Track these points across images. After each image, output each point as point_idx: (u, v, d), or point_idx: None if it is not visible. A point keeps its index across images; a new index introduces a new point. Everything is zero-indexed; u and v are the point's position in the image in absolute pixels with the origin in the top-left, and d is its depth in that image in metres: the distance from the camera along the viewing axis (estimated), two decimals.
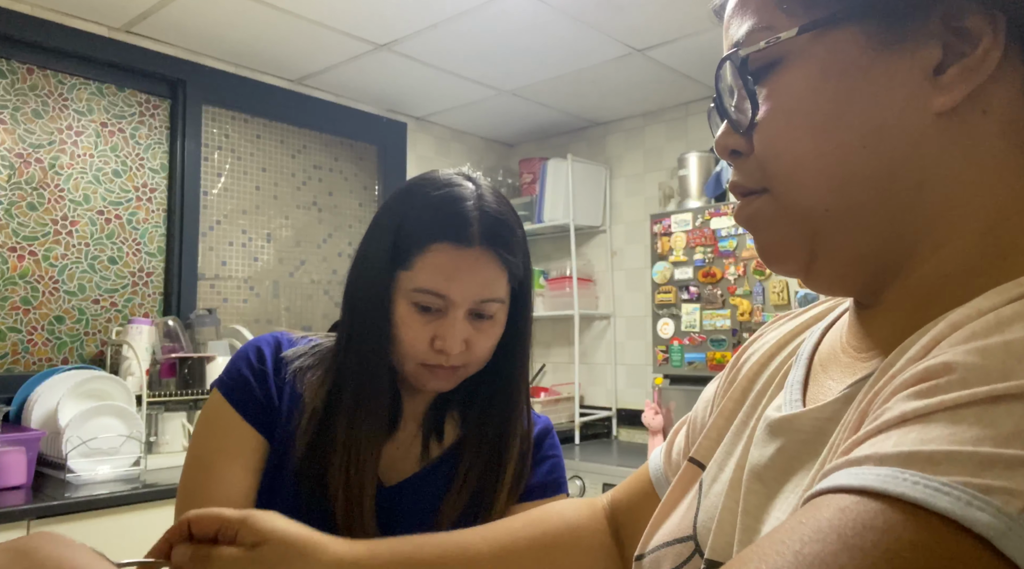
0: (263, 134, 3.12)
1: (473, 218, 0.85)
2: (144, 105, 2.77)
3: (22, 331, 2.46)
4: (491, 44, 2.73)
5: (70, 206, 2.57)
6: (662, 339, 3.07)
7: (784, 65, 0.45)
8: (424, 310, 0.85)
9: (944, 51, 0.41)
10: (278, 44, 2.75)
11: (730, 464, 0.53)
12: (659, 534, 0.58)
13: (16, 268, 2.45)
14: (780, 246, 0.48)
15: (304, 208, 3.24)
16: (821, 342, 0.54)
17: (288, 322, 3.15)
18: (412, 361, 0.87)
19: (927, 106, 0.41)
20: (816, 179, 0.44)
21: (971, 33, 0.41)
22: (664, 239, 3.08)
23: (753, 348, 0.63)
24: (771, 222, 0.47)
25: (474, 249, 0.84)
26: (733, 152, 0.49)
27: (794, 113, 0.44)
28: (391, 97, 3.32)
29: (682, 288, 3.01)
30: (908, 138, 0.42)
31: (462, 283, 0.84)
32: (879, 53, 0.42)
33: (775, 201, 0.46)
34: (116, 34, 2.63)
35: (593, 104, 3.44)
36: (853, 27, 0.43)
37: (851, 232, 0.44)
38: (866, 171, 0.43)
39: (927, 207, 0.43)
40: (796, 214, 0.46)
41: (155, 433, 2.33)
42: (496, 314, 0.88)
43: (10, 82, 2.45)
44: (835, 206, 0.44)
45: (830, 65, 0.43)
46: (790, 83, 0.45)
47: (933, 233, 0.43)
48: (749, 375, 0.59)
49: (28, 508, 1.80)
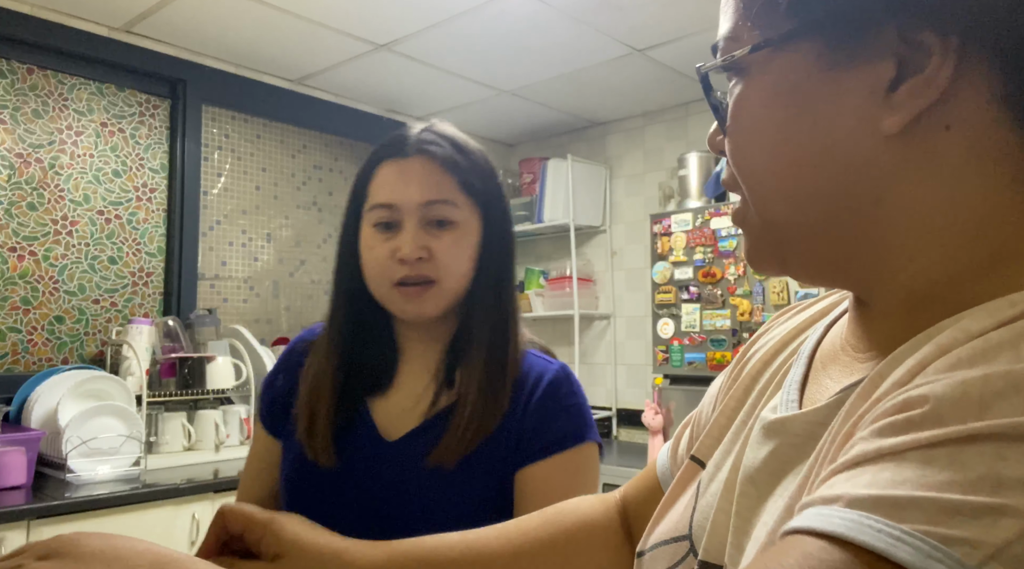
0: (263, 134, 3.12)
1: (412, 135, 0.95)
2: (144, 105, 2.77)
3: (22, 331, 2.46)
4: (491, 44, 2.73)
5: (70, 206, 2.57)
6: (662, 339, 3.07)
7: (745, 77, 0.45)
8: (384, 229, 0.92)
9: (899, 66, 0.40)
10: (278, 44, 2.75)
11: (727, 464, 0.53)
12: (658, 532, 0.58)
13: (16, 268, 2.45)
14: (755, 250, 0.49)
15: (304, 208, 3.24)
16: (823, 339, 0.54)
17: (288, 322, 3.15)
18: (383, 282, 0.91)
19: (876, 127, 0.41)
20: (773, 193, 0.45)
21: (925, 47, 0.40)
22: (664, 239, 3.08)
23: (759, 344, 0.63)
24: (749, 227, 0.48)
25: (412, 157, 0.92)
26: (722, 152, 0.50)
27: (749, 129, 0.45)
28: (391, 97, 3.32)
29: (682, 288, 3.01)
30: (859, 158, 0.42)
31: (405, 187, 0.91)
32: (828, 73, 0.42)
33: (747, 205, 0.47)
34: (116, 34, 2.63)
35: (593, 104, 3.44)
36: (805, 46, 0.42)
37: (812, 242, 0.45)
38: (819, 188, 0.43)
39: (889, 219, 0.42)
40: (765, 222, 0.47)
41: (155, 433, 2.33)
42: (455, 221, 0.91)
43: (10, 82, 2.45)
44: (793, 219, 0.45)
45: (779, 85, 0.44)
46: (747, 98, 0.45)
47: (903, 243, 0.42)
48: (752, 373, 0.59)
49: (28, 508, 1.80)
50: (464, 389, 0.91)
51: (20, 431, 2.06)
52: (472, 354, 0.93)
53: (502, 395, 0.91)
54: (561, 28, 2.60)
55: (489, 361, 0.92)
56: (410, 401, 0.95)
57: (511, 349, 0.94)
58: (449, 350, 0.96)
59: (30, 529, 1.80)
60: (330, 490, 0.90)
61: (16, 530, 1.77)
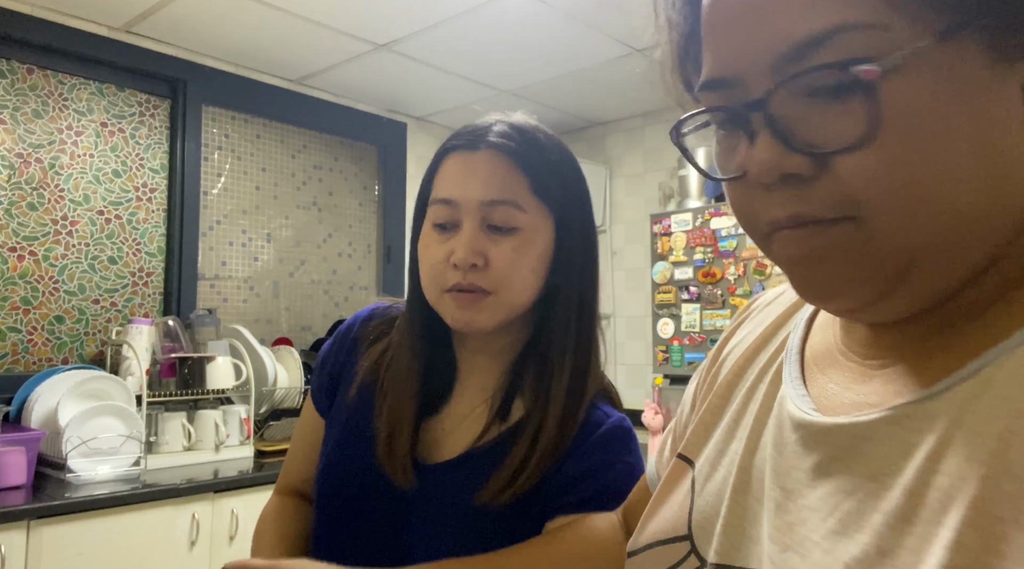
0: (263, 134, 3.12)
1: (487, 126, 0.85)
2: (144, 105, 2.77)
3: (22, 331, 2.46)
4: (491, 44, 2.73)
5: (70, 206, 2.57)
6: (662, 339, 3.07)
7: (897, 77, 0.37)
8: (442, 229, 0.82)
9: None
10: (278, 44, 2.75)
11: (724, 464, 0.51)
12: (649, 531, 0.56)
13: (16, 268, 2.45)
14: (848, 285, 0.41)
15: (304, 208, 3.24)
16: (808, 336, 0.51)
17: (288, 322, 3.15)
18: (436, 287, 0.82)
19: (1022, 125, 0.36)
20: (931, 214, 0.37)
21: None
22: (664, 239, 3.08)
23: (734, 341, 0.61)
24: (848, 257, 0.40)
25: (481, 151, 0.82)
26: (788, 176, 0.40)
27: (921, 139, 0.37)
28: (391, 97, 3.32)
29: (682, 288, 3.01)
30: (1014, 163, 0.37)
31: (467, 183, 0.81)
32: (999, 67, 0.37)
33: (862, 233, 0.39)
34: (116, 34, 2.63)
35: (593, 104, 3.44)
36: (976, 35, 0.36)
37: (944, 271, 0.39)
38: (983, 205, 0.38)
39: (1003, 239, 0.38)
40: (888, 250, 0.39)
41: (155, 433, 2.32)
42: (519, 227, 0.81)
43: (10, 82, 2.45)
44: (935, 242, 0.38)
45: (956, 80, 0.37)
46: (914, 102, 0.37)
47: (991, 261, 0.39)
48: (735, 369, 0.57)
49: (28, 508, 1.80)
50: (533, 423, 0.81)
51: (20, 431, 2.06)
52: (545, 384, 0.82)
53: (568, 439, 0.81)
54: (561, 28, 2.60)
55: (570, 392, 0.82)
56: (453, 422, 0.86)
57: (589, 387, 0.85)
58: (511, 372, 0.86)
59: (30, 529, 1.80)
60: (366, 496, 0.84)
61: (16, 530, 1.77)
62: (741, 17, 0.40)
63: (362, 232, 3.45)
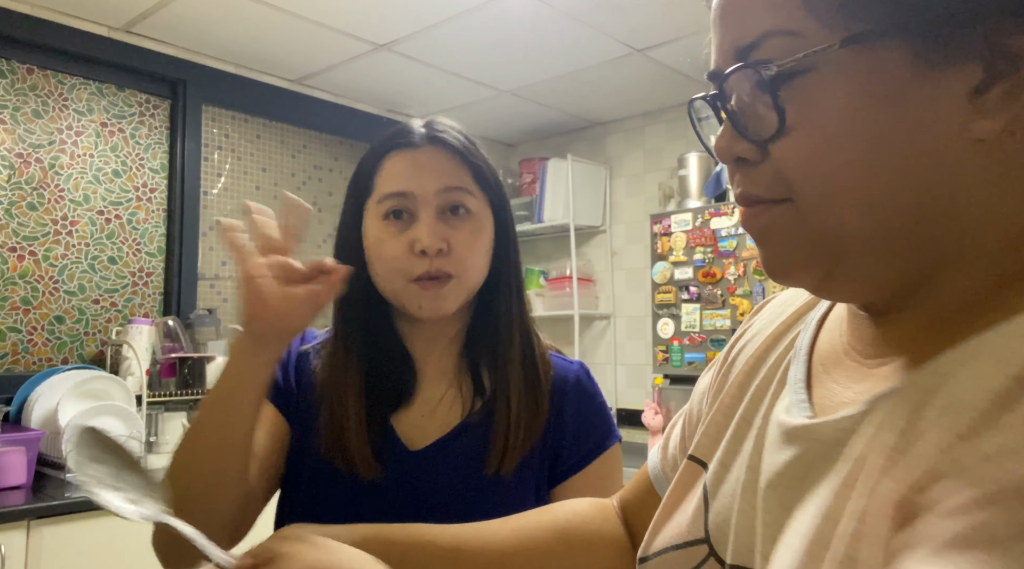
0: (263, 134, 3.12)
1: (417, 127, 0.90)
2: (144, 105, 2.77)
3: (22, 331, 2.46)
4: (491, 44, 2.73)
5: (70, 206, 2.57)
6: (662, 339, 3.07)
7: (816, 77, 0.41)
8: (396, 218, 0.86)
9: (985, 71, 0.39)
10: (278, 44, 2.75)
11: (737, 464, 0.52)
12: (663, 536, 0.56)
13: (16, 268, 2.45)
14: (794, 262, 0.45)
15: None
16: (818, 337, 0.53)
17: None
18: (400, 278, 0.85)
19: (967, 131, 0.39)
20: (850, 202, 0.41)
21: (1013, 53, 0.38)
22: (664, 239, 3.08)
23: (745, 339, 0.62)
24: (788, 236, 0.44)
25: (424, 147, 0.88)
26: (739, 159, 0.45)
27: (833, 133, 0.41)
28: (391, 97, 3.32)
29: (682, 288, 3.01)
30: (947, 164, 0.40)
31: (418, 175, 0.86)
32: (924, 72, 0.39)
33: (798, 214, 0.43)
34: (116, 34, 2.63)
35: (593, 104, 3.44)
36: (898, 42, 0.40)
37: (877, 257, 0.42)
38: (904, 197, 0.41)
39: (958, 233, 0.41)
40: (820, 232, 0.43)
41: (155, 433, 2.32)
42: (472, 209, 0.87)
43: (10, 82, 2.45)
44: (866, 230, 0.42)
45: (874, 84, 0.40)
46: (828, 99, 0.41)
47: (962, 255, 0.41)
48: (745, 370, 0.58)
49: (28, 508, 1.80)
50: (501, 389, 0.88)
51: (20, 431, 2.06)
52: (504, 355, 0.89)
53: (542, 397, 0.89)
54: (561, 28, 2.60)
55: (523, 361, 0.89)
56: (428, 407, 0.90)
57: (537, 348, 0.92)
58: (465, 351, 0.92)
59: (30, 529, 1.80)
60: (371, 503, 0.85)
61: (16, 530, 1.77)
62: (716, 22, 0.47)
63: None
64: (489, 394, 0.89)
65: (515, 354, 0.89)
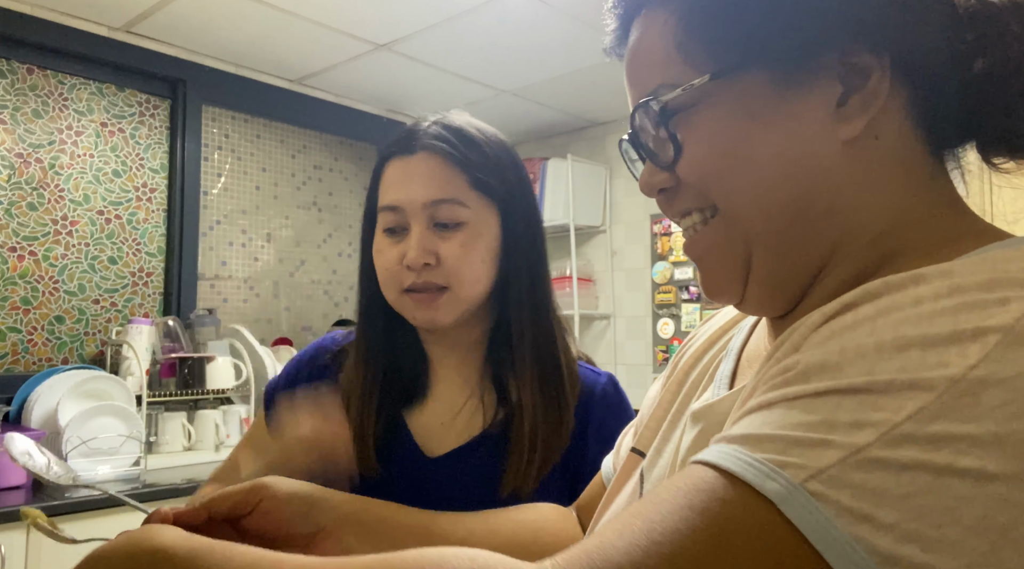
0: (263, 134, 3.12)
1: (420, 130, 0.89)
2: (144, 105, 2.77)
3: (22, 331, 2.46)
4: (491, 44, 2.73)
5: (70, 206, 2.57)
6: (662, 339, 3.07)
7: (696, 109, 0.49)
8: (392, 233, 0.86)
9: (843, 85, 0.46)
10: (278, 44, 2.75)
11: (667, 450, 0.58)
12: (604, 521, 0.60)
13: (16, 268, 2.45)
14: (722, 278, 0.52)
15: (304, 208, 3.24)
16: (749, 339, 0.59)
17: (288, 322, 3.15)
18: (392, 289, 0.86)
19: (834, 137, 0.46)
20: (748, 205, 0.48)
21: (863, 68, 0.45)
22: (664, 239, 3.08)
23: (689, 344, 0.68)
24: (719, 252, 0.51)
25: (417, 155, 0.86)
26: (661, 190, 0.53)
27: (714, 149, 0.49)
28: (391, 97, 3.32)
29: (682, 288, 3.01)
30: (819, 167, 0.47)
31: (408, 187, 0.85)
32: (784, 91, 0.47)
33: (723, 222, 0.50)
34: (116, 34, 2.63)
35: (593, 104, 3.44)
36: (757, 71, 0.47)
37: (776, 256, 0.49)
38: (787, 200, 0.47)
39: (836, 229, 0.47)
40: (738, 236, 0.49)
41: (155, 433, 2.33)
42: (465, 221, 0.84)
43: (10, 82, 2.45)
44: (764, 231, 0.48)
45: (739, 107, 0.48)
46: (706, 123, 0.49)
47: (839, 250, 0.48)
48: (684, 368, 0.64)
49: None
50: (520, 402, 0.84)
51: (20, 431, 2.06)
52: (520, 363, 0.86)
53: (566, 413, 0.85)
54: (561, 28, 2.60)
55: (542, 371, 0.86)
56: (448, 414, 0.88)
57: (562, 356, 0.88)
58: (488, 360, 0.89)
59: (30, 529, 1.80)
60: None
61: (16, 530, 1.77)
62: (626, 83, 0.56)
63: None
64: (511, 406, 0.86)
65: (529, 366, 0.86)
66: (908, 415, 0.33)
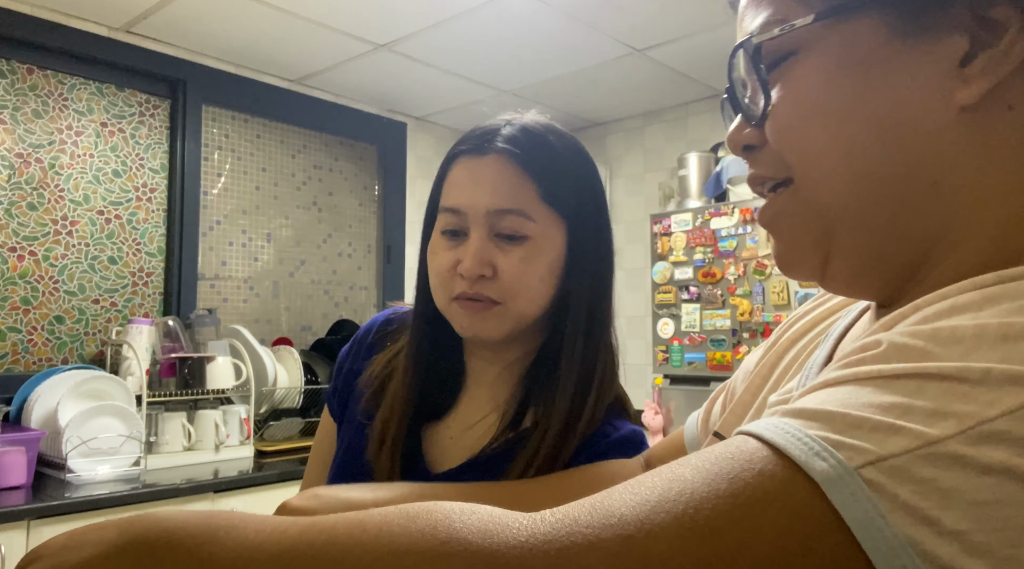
0: (263, 134, 3.12)
1: (495, 130, 0.82)
2: (144, 105, 2.77)
3: (22, 331, 2.46)
4: (491, 44, 2.73)
5: (70, 206, 2.57)
6: (662, 339, 3.07)
7: (799, 56, 0.43)
8: (451, 236, 0.80)
9: (971, 42, 0.39)
10: (278, 44, 2.75)
11: None
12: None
13: (16, 268, 2.45)
14: (799, 250, 0.47)
15: (304, 208, 3.24)
16: (854, 325, 0.53)
17: (288, 322, 3.15)
18: (442, 294, 0.80)
19: (951, 100, 0.40)
20: (830, 174, 0.43)
21: (998, 23, 0.39)
22: (664, 239, 3.08)
23: (794, 322, 0.62)
24: (793, 222, 0.46)
25: (489, 156, 0.79)
26: (747, 147, 0.47)
27: (806, 105, 0.43)
28: (391, 97, 3.32)
29: (682, 288, 3.01)
30: (928, 134, 0.40)
31: (474, 191, 0.78)
32: (901, 43, 0.40)
33: (797, 195, 0.45)
34: (116, 34, 2.63)
35: (593, 104, 3.44)
36: (873, 16, 0.41)
37: (864, 232, 0.43)
38: (882, 168, 0.41)
39: (943, 207, 0.41)
40: (813, 210, 0.44)
41: (155, 433, 2.32)
42: (527, 234, 0.77)
43: (10, 82, 2.45)
44: (849, 203, 0.43)
45: (846, 56, 0.42)
46: (804, 74, 0.43)
47: (950, 234, 0.41)
48: (779, 351, 0.59)
49: (28, 508, 1.80)
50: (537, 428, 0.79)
51: (20, 431, 2.06)
52: (561, 394, 0.79)
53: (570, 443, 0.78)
54: (561, 28, 2.60)
55: (574, 401, 0.79)
56: (460, 430, 0.84)
57: (599, 390, 0.81)
58: (525, 381, 0.83)
59: (30, 529, 1.80)
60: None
61: (16, 530, 1.77)
62: (738, 22, 0.49)
63: (362, 232, 3.45)
64: (520, 431, 0.81)
65: (568, 398, 0.79)
66: (1003, 411, 0.28)
